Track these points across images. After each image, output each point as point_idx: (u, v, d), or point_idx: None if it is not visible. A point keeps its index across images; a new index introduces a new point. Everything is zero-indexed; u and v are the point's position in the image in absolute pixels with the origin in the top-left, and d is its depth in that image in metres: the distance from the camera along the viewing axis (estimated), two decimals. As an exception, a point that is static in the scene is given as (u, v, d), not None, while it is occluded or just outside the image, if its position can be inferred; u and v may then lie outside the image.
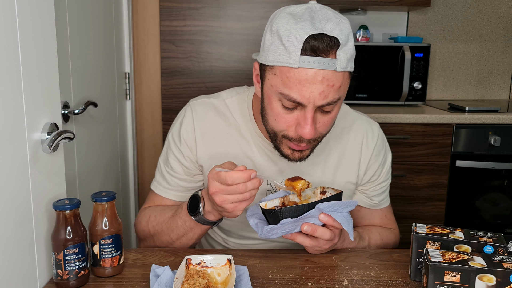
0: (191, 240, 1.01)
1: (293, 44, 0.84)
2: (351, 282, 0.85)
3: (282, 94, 0.87)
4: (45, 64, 0.84)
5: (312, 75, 0.84)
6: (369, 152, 1.09)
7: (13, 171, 0.74)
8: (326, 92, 0.85)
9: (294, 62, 0.84)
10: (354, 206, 0.90)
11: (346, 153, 1.08)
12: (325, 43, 0.83)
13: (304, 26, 0.84)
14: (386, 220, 1.18)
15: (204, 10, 2.17)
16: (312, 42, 0.83)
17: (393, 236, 1.15)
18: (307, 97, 0.85)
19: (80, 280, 0.82)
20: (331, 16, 0.87)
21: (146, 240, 1.09)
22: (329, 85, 0.85)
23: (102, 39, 1.72)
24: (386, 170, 1.13)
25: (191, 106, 1.08)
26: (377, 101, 2.35)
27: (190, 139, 1.05)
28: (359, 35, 2.45)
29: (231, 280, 0.78)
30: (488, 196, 2.23)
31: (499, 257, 0.76)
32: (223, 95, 1.10)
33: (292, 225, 0.87)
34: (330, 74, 0.84)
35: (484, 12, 2.65)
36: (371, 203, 1.14)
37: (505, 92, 2.75)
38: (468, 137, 2.14)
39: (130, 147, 2.12)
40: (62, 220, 0.80)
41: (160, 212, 1.06)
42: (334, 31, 0.84)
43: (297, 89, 0.85)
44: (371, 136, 1.10)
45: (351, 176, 1.09)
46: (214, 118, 1.06)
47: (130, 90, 2.09)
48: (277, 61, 0.86)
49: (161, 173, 1.10)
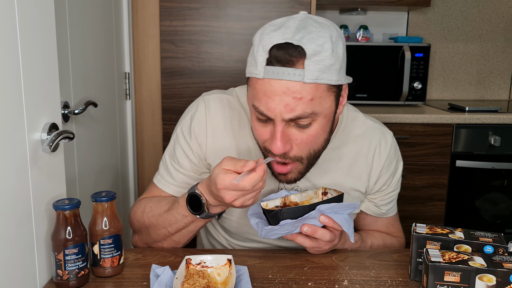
0: (191, 233, 0.99)
1: (260, 54, 0.82)
2: (351, 282, 0.85)
3: (254, 106, 0.85)
4: (45, 64, 0.84)
5: (277, 86, 0.80)
6: (381, 162, 1.06)
7: (13, 171, 0.74)
8: (292, 105, 0.81)
9: (259, 72, 0.81)
10: (355, 208, 0.90)
11: (358, 162, 1.05)
12: (288, 54, 0.79)
13: (272, 36, 0.81)
14: (392, 228, 1.16)
15: (204, 10, 2.17)
16: (276, 52, 0.80)
17: (398, 244, 1.13)
18: (272, 110, 0.82)
19: (80, 280, 0.82)
20: (308, 25, 0.83)
21: (141, 232, 1.04)
22: (296, 98, 0.80)
23: (102, 39, 1.72)
24: (396, 180, 1.10)
25: (204, 101, 1.04)
26: (377, 101, 2.35)
27: (201, 135, 1.02)
28: (359, 35, 2.45)
29: (231, 280, 0.78)
30: (488, 196, 2.23)
31: (499, 257, 0.76)
32: (238, 92, 1.06)
33: (292, 226, 0.87)
34: (296, 86, 0.80)
35: (484, 12, 2.65)
36: (379, 211, 1.12)
37: (505, 92, 2.75)
38: (468, 137, 2.14)
39: (130, 147, 2.12)
40: (62, 220, 0.80)
41: (156, 203, 1.02)
42: (302, 40, 0.80)
43: (264, 101, 0.82)
44: (384, 146, 1.06)
45: (361, 185, 1.06)
46: (228, 115, 1.02)
47: (130, 90, 2.09)
48: (249, 72, 0.85)
49: (165, 167, 1.06)
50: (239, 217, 1.05)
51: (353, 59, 2.28)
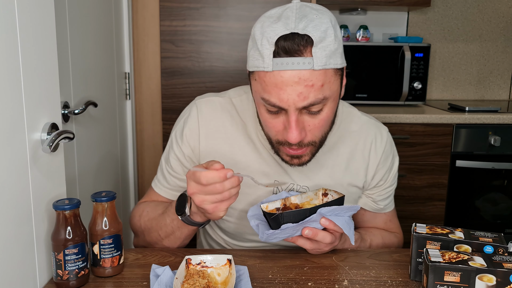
0: (178, 240, 1.00)
1: (265, 47, 0.82)
2: (351, 282, 0.85)
3: (264, 99, 0.86)
4: (45, 64, 0.84)
5: (287, 77, 0.82)
6: (378, 157, 1.07)
7: (13, 171, 0.74)
8: (305, 93, 0.83)
9: (267, 65, 0.82)
10: (356, 211, 0.90)
11: (355, 157, 1.06)
12: (296, 43, 0.81)
13: (275, 27, 0.82)
14: (390, 224, 1.17)
15: (204, 10, 2.17)
16: (283, 43, 0.81)
17: (396, 240, 1.14)
18: (285, 100, 0.83)
19: (80, 280, 0.82)
20: (307, 13, 0.84)
21: (138, 235, 1.08)
22: (308, 85, 0.82)
23: (102, 39, 1.72)
24: (393, 175, 1.11)
25: (197, 105, 1.05)
26: (377, 101, 2.35)
27: (193, 138, 1.03)
28: (359, 35, 2.45)
29: (231, 280, 0.78)
30: (488, 196, 2.23)
31: (499, 257, 0.76)
32: (231, 94, 1.07)
33: (293, 230, 0.87)
34: (307, 74, 0.82)
35: (484, 12, 2.65)
36: (377, 207, 1.13)
37: (505, 92, 2.75)
38: (468, 137, 2.14)
39: (130, 147, 2.12)
40: (62, 220, 0.80)
41: (153, 208, 1.04)
42: (306, 29, 0.81)
43: (275, 93, 0.83)
44: (380, 141, 1.08)
45: (359, 181, 1.07)
46: (220, 118, 1.04)
47: (130, 90, 2.09)
48: (254, 66, 0.85)
49: (162, 171, 1.09)
50: (238, 218, 1.05)
51: (353, 59, 2.28)
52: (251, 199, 1.03)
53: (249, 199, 1.03)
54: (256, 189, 1.02)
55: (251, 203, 1.03)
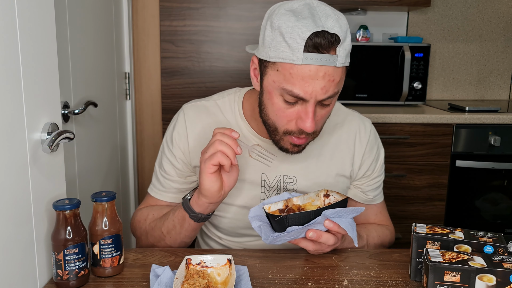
0: (179, 235, 1.02)
1: (296, 41, 0.86)
2: (351, 282, 0.85)
3: (285, 89, 0.90)
4: (45, 64, 0.84)
5: (314, 71, 0.87)
6: (363, 147, 1.12)
7: (13, 171, 0.74)
8: (327, 87, 0.89)
9: (297, 59, 0.86)
10: (359, 213, 0.91)
11: (340, 148, 1.11)
12: (326, 40, 0.86)
13: (306, 23, 0.86)
14: (380, 216, 1.20)
15: (204, 10, 2.17)
16: (315, 39, 0.86)
17: (389, 233, 1.18)
18: (309, 93, 0.89)
19: (80, 280, 0.82)
20: (330, 13, 0.90)
21: (141, 239, 1.10)
22: (330, 80, 0.89)
23: (102, 39, 1.72)
24: (380, 166, 1.16)
25: (183, 110, 1.12)
26: (377, 101, 2.35)
27: (182, 141, 1.08)
28: (359, 35, 2.44)
29: (231, 280, 0.78)
30: (488, 196, 2.23)
31: (499, 257, 0.76)
32: (215, 97, 1.14)
33: (298, 232, 0.88)
34: (331, 70, 0.88)
35: (484, 12, 2.65)
36: (366, 198, 1.16)
37: (505, 92, 2.75)
38: (468, 137, 2.14)
39: (130, 147, 2.12)
40: (62, 220, 0.80)
41: (158, 210, 1.09)
42: (334, 28, 0.87)
43: (300, 85, 0.88)
44: (364, 132, 1.13)
45: (345, 170, 1.11)
46: (206, 120, 1.09)
47: (130, 90, 2.09)
48: (279, 57, 0.89)
49: (156, 176, 1.13)
50: (234, 213, 1.08)
51: (353, 59, 2.27)
52: (241, 197, 1.07)
53: (239, 196, 1.07)
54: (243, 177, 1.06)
55: (243, 200, 1.07)
